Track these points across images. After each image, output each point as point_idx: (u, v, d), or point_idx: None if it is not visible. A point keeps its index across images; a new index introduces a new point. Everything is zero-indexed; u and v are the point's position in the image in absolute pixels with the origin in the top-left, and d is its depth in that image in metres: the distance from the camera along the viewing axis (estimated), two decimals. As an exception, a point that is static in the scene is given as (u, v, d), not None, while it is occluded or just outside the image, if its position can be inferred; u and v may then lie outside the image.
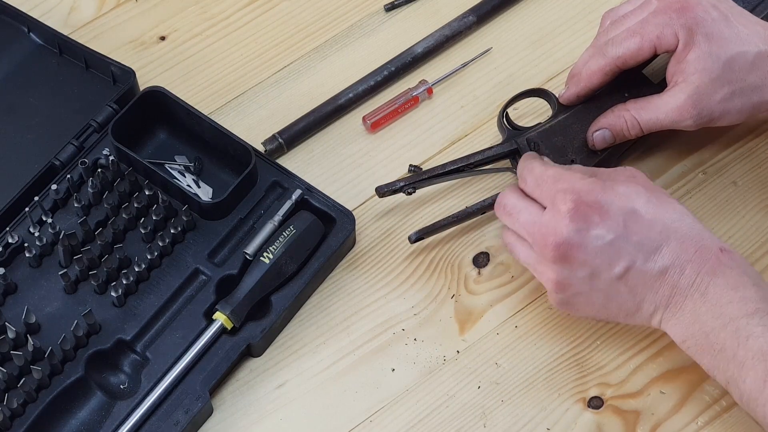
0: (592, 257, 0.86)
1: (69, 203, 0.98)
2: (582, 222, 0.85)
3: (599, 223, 0.85)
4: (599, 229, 0.85)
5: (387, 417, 0.92)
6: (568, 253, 0.86)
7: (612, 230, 0.85)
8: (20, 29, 1.07)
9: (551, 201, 0.87)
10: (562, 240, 0.85)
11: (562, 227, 0.85)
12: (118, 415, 0.89)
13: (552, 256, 0.86)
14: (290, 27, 1.11)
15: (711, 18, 0.91)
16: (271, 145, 1.03)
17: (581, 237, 0.85)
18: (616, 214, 0.85)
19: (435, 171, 0.98)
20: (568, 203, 0.86)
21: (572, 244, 0.85)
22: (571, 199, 0.86)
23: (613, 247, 0.85)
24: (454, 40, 1.09)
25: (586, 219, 0.85)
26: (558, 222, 0.86)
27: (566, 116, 0.99)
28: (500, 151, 0.99)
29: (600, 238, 0.85)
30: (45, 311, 0.94)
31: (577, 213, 0.85)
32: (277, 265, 0.93)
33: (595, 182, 0.87)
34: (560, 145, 0.98)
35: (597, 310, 0.89)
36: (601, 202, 0.86)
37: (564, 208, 0.86)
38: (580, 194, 0.86)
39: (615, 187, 0.87)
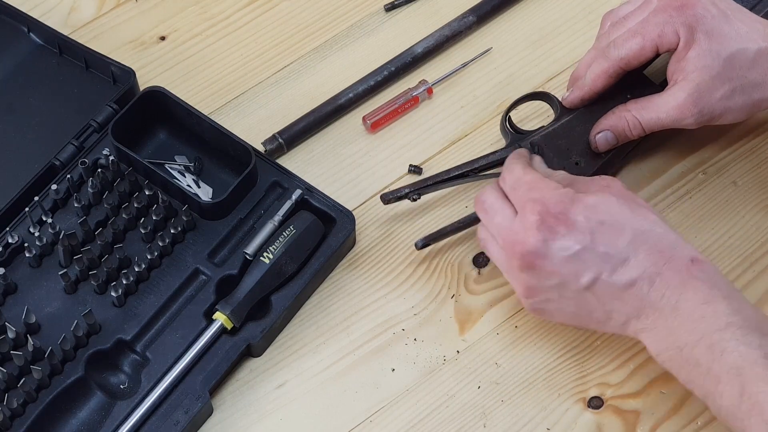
0: (559, 268, 0.86)
1: (69, 203, 0.98)
2: (548, 232, 0.85)
3: (565, 234, 0.85)
4: (565, 240, 0.85)
5: (387, 417, 0.92)
6: (534, 263, 0.86)
7: (578, 242, 0.85)
8: (20, 29, 1.07)
9: (522, 208, 0.88)
10: (528, 250, 0.86)
11: (529, 237, 0.86)
12: (118, 415, 0.89)
13: (518, 265, 0.87)
14: (290, 27, 1.11)
15: (711, 15, 0.91)
16: (271, 145, 1.03)
17: (547, 248, 0.85)
18: (582, 226, 0.85)
19: (439, 177, 0.98)
20: (535, 214, 0.86)
21: (538, 254, 0.86)
22: (539, 210, 0.86)
23: (579, 258, 0.85)
24: (454, 40, 1.09)
25: (551, 230, 0.85)
26: (525, 231, 0.86)
27: (569, 119, 0.99)
28: (504, 155, 0.98)
29: (565, 249, 0.85)
30: (45, 311, 0.94)
31: (543, 224, 0.85)
32: (277, 265, 0.93)
33: (565, 193, 0.87)
34: (564, 147, 0.98)
35: (569, 317, 0.89)
36: (567, 214, 0.86)
37: (531, 218, 0.86)
38: (548, 205, 0.86)
39: (585, 198, 0.86)
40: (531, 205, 0.87)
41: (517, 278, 0.88)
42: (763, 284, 0.97)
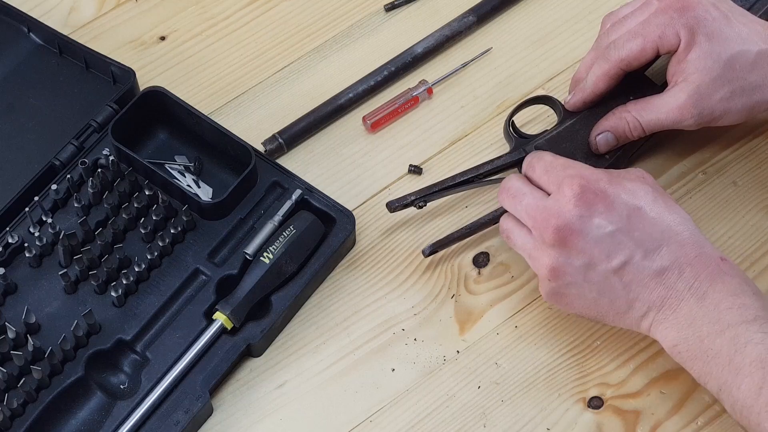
0: (591, 246, 0.85)
1: (69, 203, 0.98)
2: (586, 208, 0.85)
3: (603, 212, 0.85)
4: (602, 218, 0.85)
5: (387, 417, 0.92)
6: (567, 237, 0.86)
7: (614, 222, 0.85)
8: (20, 29, 1.07)
9: (558, 185, 0.87)
10: (564, 223, 0.85)
11: (566, 211, 0.86)
12: (118, 415, 0.89)
13: (551, 240, 0.86)
14: (290, 27, 1.11)
15: (712, 17, 0.91)
16: (271, 145, 1.03)
17: (583, 223, 0.85)
18: (620, 207, 0.85)
19: (445, 183, 0.98)
20: (575, 188, 0.86)
21: (573, 229, 0.85)
22: (579, 183, 0.86)
23: (614, 239, 0.85)
24: (454, 40, 1.09)
25: (590, 206, 0.85)
26: (562, 205, 0.86)
27: (572, 122, 0.99)
28: (509, 160, 0.98)
29: (601, 227, 0.85)
30: (45, 311, 0.94)
31: (582, 199, 0.85)
32: (277, 265, 0.93)
33: (604, 173, 0.87)
34: (569, 151, 0.97)
35: (587, 305, 0.88)
36: (607, 192, 0.86)
37: (570, 192, 0.86)
38: (588, 181, 0.86)
39: (623, 181, 0.87)
40: (569, 180, 0.86)
41: (544, 258, 0.87)
42: (764, 284, 0.97)
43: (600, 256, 0.85)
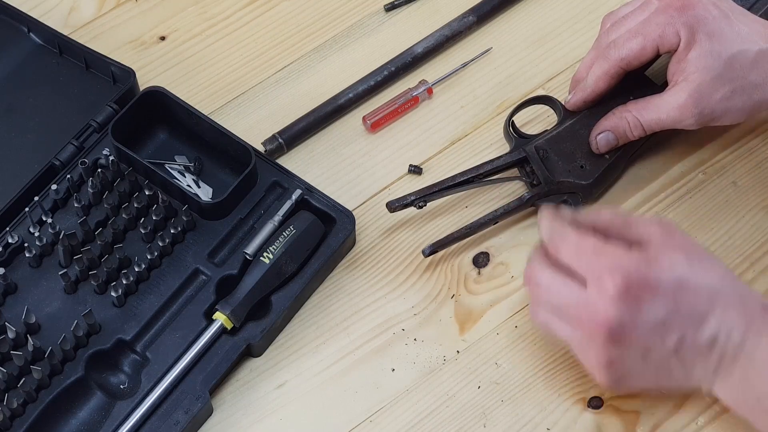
0: (646, 336, 0.81)
1: (69, 203, 0.98)
2: (634, 303, 0.80)
3: (650, 300, 0.81)
4: (651, 307, 0.81)
5: (387, 417, 0.92)
6: (622, 335, 0.81)
7: (664, 306, 0.81)
8: (20, 29, 1.07)
9: (596, 279, 0.82)
10: (615, 323, 0.80)
11: (614, 309, 0.80)
12: (118, 415, 0.89)
13: (604, 339, 0.81)
14: (290, 27, 1.11)
15: (712, 16, 0.91)
16: (271, 145, 1.03)
17: (634, 318, 0.80)
18: (665, 289, 0.81)
19: (445, 183, 0.98)
20: (619, 283, 0.80)
21: (625, 325, 0.80)
22: (621, 277, 0.80)
23: (665, 324, 0.81)
24: (454, 40, 1.09)
25: (637, 299, 0.80)
26: (608, 303, 0.80)
27: (573, 122, 0.99)
28: (509, 160, 0.98)
29: (652, 317, 0.81)
30: (45, 311, 0.94)
31: (628, 294, 0.80)
32: (277, 265, 0.93)
33: (640, 258, 0.82)
34: (569, 150, 0.98)
35: (648, 382, 0.84)
36: (649, 279, 0.81)
37: (614, 289, 0.80)
38: (629, 272, 0.81)
39: (659, 258, 0.82)
40: (610, 276, 0.81)
41: (598, 356, 0.82)
42: (763, 284, 0.97)
43: (656, 342, 0.81)
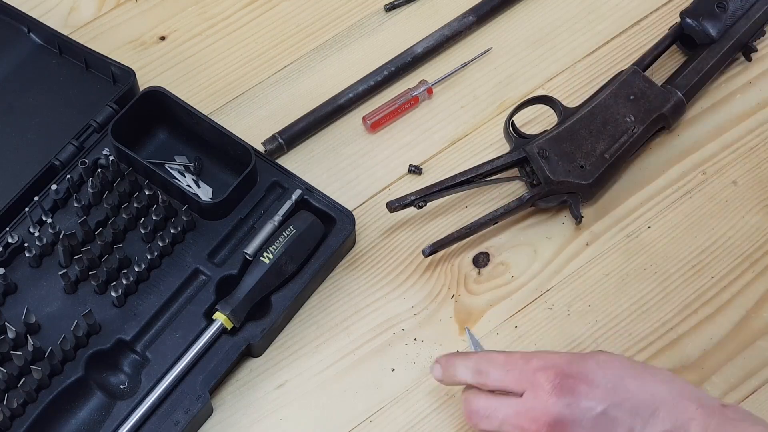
0: (589, 430, 0.79)
1: (69, 203, 0.98)
2: (570, 395, 0.79)
3: (588, 393, 0.79)
4: (589, 399, 0.79)
5: (387, 417, 0.92)
6: (564, 429, 0.79)
7: (602, 399, 0.79)
8: (20, 29, 1.07)
9: (530, 382, 0.81)
10: (553, 418, 0.79)
11: (550, 405, 0.79)
12: (118, 415, 0.89)
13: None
14: (290, 27, 1.11)
15: None
16: (271, 145, 1.03)
17: (572, 411, 0.79)
18: (602, 382, 0.80)
19: (445, 183, 0.98)
20: (551, 377, 0.80)
21: (565, 421, 0.79)
22: (554, 373, 0.80)
23: (608, 416, 0.79)
24: (454, 40, 1.09)
25: (573, 391, 0.79)
26: (544, 401, 0.80)
27: (573, 122, 0.99)
28: (509, 160, 0.99)
29: (592, 408, 0.79)
30: (45, 311, 0.94)
31: (563, 387, 0.80)
32: (277, 265, 0.93)
33: (572, 355, 0.82)
34: (569, 151, 0.98)
35: None
36: (584, 372, 0.80)
37: (548, 385, 0.80)
38: (561, 367, 0.80)
39: (594, 356, 0.82)
40: (542, 373, 0.80)
41: None
42: (763, 284, 0.97)
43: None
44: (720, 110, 1.05)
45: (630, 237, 0.99)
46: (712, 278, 0.97)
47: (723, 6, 1.04)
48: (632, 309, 0.96)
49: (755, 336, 0.95)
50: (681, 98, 1.01)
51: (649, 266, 0.98)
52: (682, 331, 0.95)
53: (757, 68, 1.08)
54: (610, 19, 1.10)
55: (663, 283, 0.97)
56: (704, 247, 0.98)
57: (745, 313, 0.96)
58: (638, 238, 0.99)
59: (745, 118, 1.05)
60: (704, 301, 0.96)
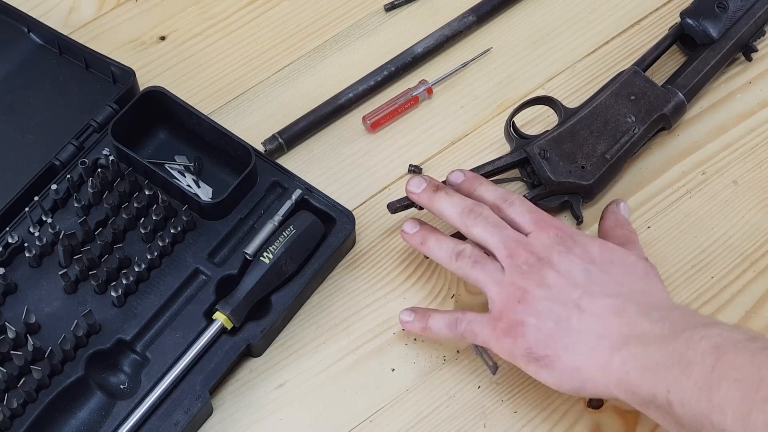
0: (561, 277, 0.86)
1: (69, 203, 0.98)
2: (564, 247, 0.88)
3: (580, 254, 0.87)
4: (574, 257, 0.88)
5: (387, 417, 0.92)
6: (544, 265, 0.87)
7: (588, 261, 0.87)
8: (20, 29, 1.07)
9: (538, 227, 0.90)
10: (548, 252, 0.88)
11: (546, 245, 0.88)
12: (118, 415, 0.89)
13: (527, 264, 0.87)
14: (290, 27, 1.11)
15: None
16: (271, 145, 1.03)
17: (560, 256, 0.87)
18: (594, 252, 0.88)
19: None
20: (553, 231, 0.89)
21: (552, 257, 0.87)
22: (557, 228, 0.89)
23: (586, 274, 0.86)
24: (454, 40, 1.09)
25: (568, 247, 0.88)
26: (543, 241, 0.88)
27: (573, 123, 0.99)
28: (510, 161, 0.99)
29: (575, 264, 0.87)
30: (45, 311, 0.94)
31: (561, 239, 0.88)
32: (277, 265, 0.93)
33: None
34: (569, 151, 0.98)
35: (545, 336, 0.85)
36: (577, 240, 0.89)
37: (550, 234, 0.89)
38: (561, 228, 0.89)
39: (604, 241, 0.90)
40: (552, 228, 0.89)
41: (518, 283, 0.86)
42: (763, 284, 0.97)
43: (566, 287, 0.85)
44: (720, 110, 1.05)
45: (630, 237, 0.99)
46: (712, 278, 0.97)
47: (723, 6, 1.04)
48: (632, 309, 0.96)
49: (755, 336, 0.95)
50: (681, 98, 1.01)
51: (649, 266, 0.98)
52: (682, 331, 0.95)
53: (757, 68, 1.08)
54: (610, 19, 1.10)
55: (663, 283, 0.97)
56: (704, 247, 0.98)
57: (745, 313, 0.96)
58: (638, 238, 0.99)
59: (745, 118, 1.05)
60: (704, 301, 0.96)
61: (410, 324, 0.92)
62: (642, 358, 0.79)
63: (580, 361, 0.82)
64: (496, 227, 0.89)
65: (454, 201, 0.91)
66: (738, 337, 0.76)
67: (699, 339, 0.77)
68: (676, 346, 0.77)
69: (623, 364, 0.80)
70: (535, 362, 0.84)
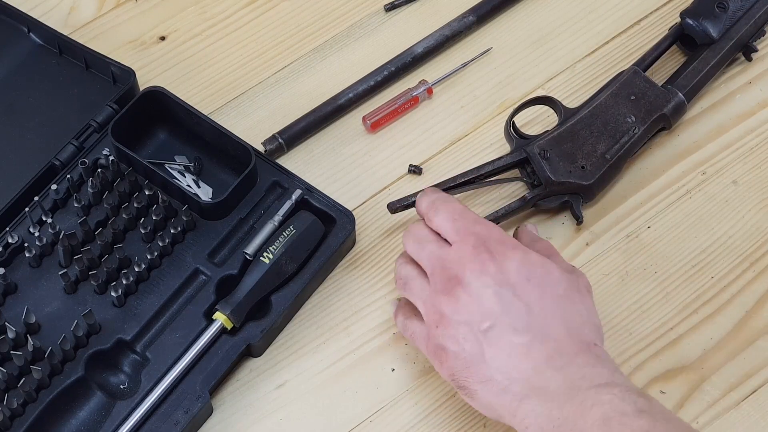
0: (473, 302, 0.84)
1: (69, 203, 0.98)
2: (479, 264, 0.85)
3: (493, 273, 0.85)
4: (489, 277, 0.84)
5: (387, 417, 0.92)
6: (455, 288, 0.85)
7: (499, 283, 0.84)
8: (20, 29, 1.07)
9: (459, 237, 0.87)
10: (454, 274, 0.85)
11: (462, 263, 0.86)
12: (118, 415, 0.89)
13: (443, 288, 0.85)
14: (290, 27, 1.11)
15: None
16: (271, 145, 1.03)
17: (473, 277, 0.85)
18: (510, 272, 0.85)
19: (446, 185, 0.98)
20: (471, 242, 0.86)
21: (463, 281, 0.85)
22: (476, 238, 0.86)
23: (498, 298, 0.84)
24: (454, 40, 1.09)
25: (482, 263, 0.85)
26: (461, 256, 0.86)
27: (573, 123, 0.99)
28: (510, 161, 0.99)
29: (487, 285, 0.84)
30: (45, 311, 0.94)
31: (477, 255, 0.85)
32: (277, 265, 0.93)
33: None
34: (570, 151, 0.98)
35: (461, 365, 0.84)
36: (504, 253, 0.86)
37: (468, 247, 0.86)
38: (486, 239, 0.86)
39: (531, 252, 0.87)
40: (472, 237, 0.86)
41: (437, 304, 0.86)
42: (763, 284, 0.97)
43: (476, 314, 0.83)
44: (720, 110, 1.05)
45: (630, 237, 0.99)
46: (712, 278, 0.97)
47: (723, 6, 1.04)
48: (632, 309, 0.96)
49: (755, 336, 0.95)
50: (681, 98, 1.01)
51: (649, 266, 0.98)
52: (682, 331, 0.95)
53: (757, 68, 1.08)
54: (610, 19, 1.10)
55: (663, 283, 0.97)
56: (704, 247, 0.98)
57: (745, 313, 0.96)
58: (638, 238, 0.99)
59: (745, 118, 1.05)
60: (704, 301, 0.96)
61: (394, 316, 0.93)
62: (541, 416, 0.80)
63: (493, 401, 0.83)
64: (420, 243, 0.89)
65: None
66: (627, 409, 0.76)
67: (591, 406, 0.78)
68: (571, 410, 0.78)
69: (525, 417, 0.81)
70: (459, 389, 0.85)
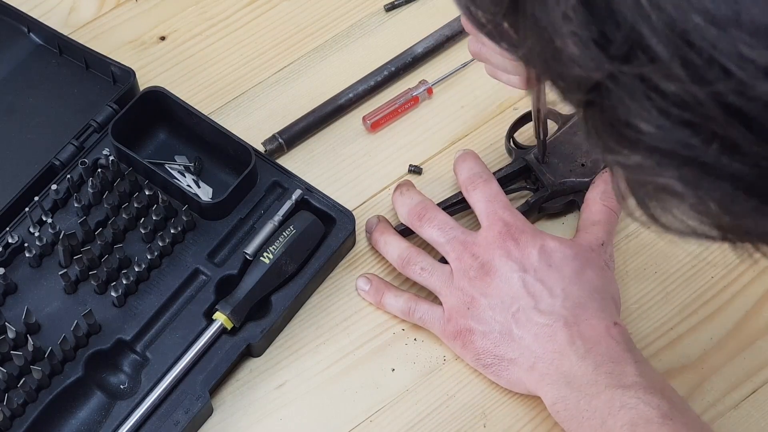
0: (500, 286, 0.89)
1: (69, 203, 0.98)
2: (504, 249, 0.90)
3: (518, 252, 0.90)
4: (515, 257, 0.90)
5: (387, 417, 0.92)
6: (485, 276, 0.90)
7: (524, 268, 0.90)
8: (20, 29, 1.07)
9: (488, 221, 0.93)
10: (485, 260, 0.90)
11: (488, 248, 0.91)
12: (118, 415, 0.89)
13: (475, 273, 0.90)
14: (290, 27, 1.11)
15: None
16: (271, 145, 1.03)
17: (500, 263, 0.90)
18: (532, 254, 0.90)
19: (449, 201, 0.98)
20: (499, 227, 0.92)
21: (492, 266, 0.90)
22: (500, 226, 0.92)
23: (522, 283, 0.89)
24: (454, 40, 1.09)
25: (507, 249, 0.91)
26: (489, 242, 0.91)
27: (570, 126, 0.99)
28: (510, 170, 0.99)
29: (511, 272, 0.89)
30: (45, 311, 0.94)
31: (503, 240, 0.91)
32: (277, 265, 0.93)
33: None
34: (568, 152, 0.98)
35: (489, 346, 0.89)
36: (524, 234, 0.91)
37: (494, 232, 0.91)
38: (509, 223, 0.92)
39: (546, 235, 0.92)
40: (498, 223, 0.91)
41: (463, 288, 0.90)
42: (764, 284, 0.97)
43: (506, 298, 0.89)
44: (720, 110, 1.05)
45: (630, 237, 0.99)
46: (712, 278, 0.97)
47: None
48: (632, 309, 0.96)
49: (755, 336, 0.95)
50: (681, 98, 1.00)
51: (649, 266, 0.98)
52: (682, 331, 0.95)
53: (757, 68, 1.07)
54: (610, 19, 1.10)
55: (663, 283, 0.97)
56: (704, 247, 0.98)
57: (745, 313, 0.96)
58: (638, 238, 0.99)
59: (746, 117, 1.05)
60: (704, 301, 0.96)
61: (365, 294, 0.95)
62: (569, 404, 0.84)
63: (522, 376, 0.88)
64: (443, 229, 0.92)
65: (405, 200, 0.95)
66: (652, 415, 0.80)
67: (619, 408, 0.81)
68: (599, 405, 0.82)
69: (554, 403, 0.85)
70: (484, 368, 0.90)
